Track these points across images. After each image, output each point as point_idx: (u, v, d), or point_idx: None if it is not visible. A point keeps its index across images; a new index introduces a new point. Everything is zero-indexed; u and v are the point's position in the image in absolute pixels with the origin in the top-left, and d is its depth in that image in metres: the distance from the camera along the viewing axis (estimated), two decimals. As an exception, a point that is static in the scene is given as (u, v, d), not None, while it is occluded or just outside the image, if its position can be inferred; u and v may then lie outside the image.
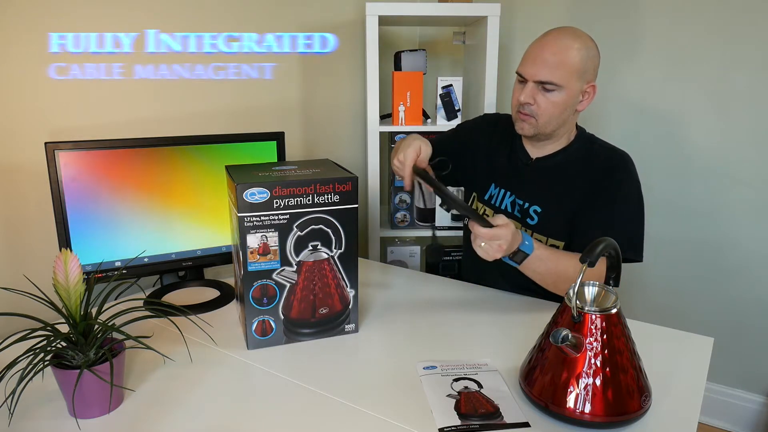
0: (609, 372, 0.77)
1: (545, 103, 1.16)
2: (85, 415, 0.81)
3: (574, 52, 1.13)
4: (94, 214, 1.12)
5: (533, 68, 1.15)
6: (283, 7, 1.70)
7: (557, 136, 1.23)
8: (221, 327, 1.10)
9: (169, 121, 1.43)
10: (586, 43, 1.16)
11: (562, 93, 1.15)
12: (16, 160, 1.15)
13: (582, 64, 1.14)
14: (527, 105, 1.18)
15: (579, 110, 1.21)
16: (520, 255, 1.08)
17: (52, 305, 0.82)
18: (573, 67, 1.13)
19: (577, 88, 1.16)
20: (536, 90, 1.16)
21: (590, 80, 1.18)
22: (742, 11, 1.66)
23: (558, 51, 1.13)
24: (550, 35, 1.17)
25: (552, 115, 1.17)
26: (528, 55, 1.18)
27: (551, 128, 1.20)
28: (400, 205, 1.93)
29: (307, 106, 1.85)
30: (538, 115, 1.18)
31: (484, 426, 0.80)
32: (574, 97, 1.17)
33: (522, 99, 1.17)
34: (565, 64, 1.13)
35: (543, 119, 1.18)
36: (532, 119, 1.19)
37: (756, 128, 1.71)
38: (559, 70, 1.13)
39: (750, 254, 1.78)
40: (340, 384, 0.91)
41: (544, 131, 1.20)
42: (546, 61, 1.14)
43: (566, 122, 1.21)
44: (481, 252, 1.02)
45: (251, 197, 0.94)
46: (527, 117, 1.19)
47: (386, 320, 1.14)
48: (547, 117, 1.17)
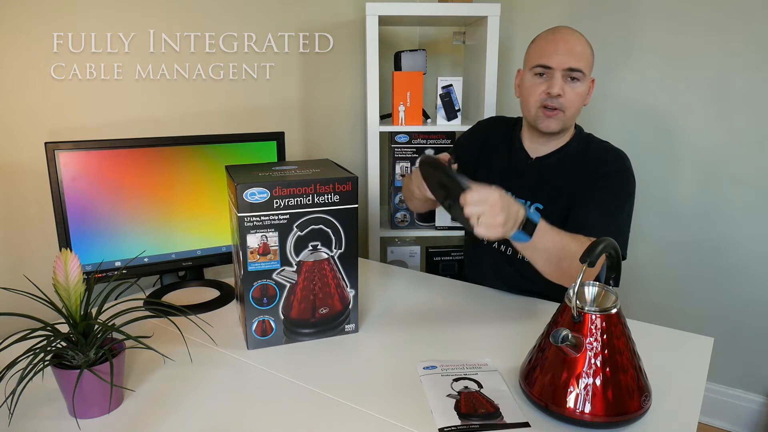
0: (609, 372, 0.77)
1: (572, 93, 1.17)
2: (85, 415, 0.81)
3: (585, 45, 1.18)
4: (94, 213, 1.12)
5: (561, 57, 1.15)
6: (283, 7, 1.70)
7: (567, 131, 1.24)
8: (221, 327, 1.10)
9: (169, 121, 1.43)
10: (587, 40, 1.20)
11: (584, 83, 1.17)
12: (16, 160, 1.15)
13: (591, 57, 1.19)
14: (557, 98, 1.16)
15: (584, 104, 1.23)
16: (530, 225, 0.99)
17: (52, 305, 0.82)
18: (588, 59, 1.18)
19: (589, 81, 1.20)
20: (563, 81, 1.16)
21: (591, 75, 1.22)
22: (741, 11, 1.66)
23: (574, 42, 1.16)
24: (559, 30, 1.19)
25: (577, 107, 1.19)
26: (546, 48, 1.17)
27: (571, 122, 1.21)
28: (400, 205, 1.93)
29: (307, 106, 1.85)
30: (566, 108, 1.17)
31: (484, 426, 0.80)
32: (587, 89, 1.20)
33: (556, 90, 1.15)
34: (585, 54, 1.16)
35: (570, 111, 1.18)
36: (560, 113, 1.18)
37: (755, 128, 1.71)
38: (583, 59, 1.16)
39: (750, 254, 1.78)
40: (340, 384, 0.91)
41: (568, 125, 1.21)
42: (572, 49, 1.15)
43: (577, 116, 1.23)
44: (482, 229, 0.93)
45: (251, 197, 0.94)
46: (555, 112, 1.18)
47: (386, 320, 1.14)
48: (574, 109, 1.18)
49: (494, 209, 0.92)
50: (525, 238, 1.00)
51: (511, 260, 1.30)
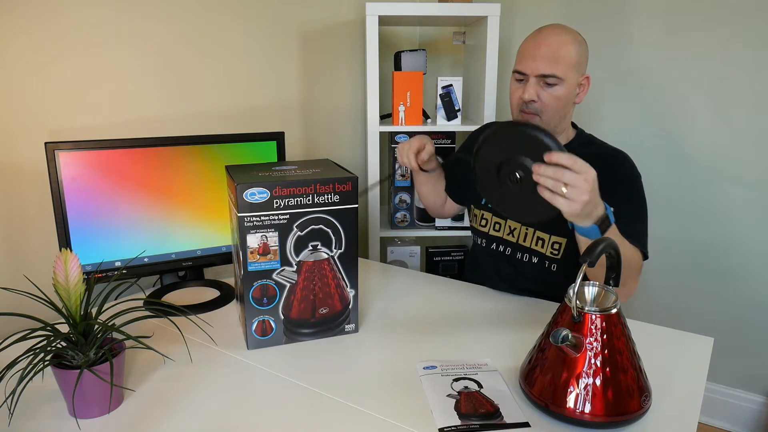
0: (609, 372, 0.77)
1: (548, 98, 1.17)
2: (85, 415, 0.81)
3: (569, 45, 1.16)
4: (94, 214, 1.12)
5: (534, 63, 1.16)
6: (283, 6, 1.70)
7: (557, 132, 1.24)
8: (221, 327, 1.10)
9: (169, 121, 1.43)
10: (576, 36, 1.18)
11: (563, 86, 1.16)
12: (16, 160, 1.15)
13: (577, 56, 1.17)
14: (531, 103, 1.17)
15: (577, 102, 1.22)
16: (607, 223, 0.95)
17: (52, 305, 0.82)
18: (570, 60, 1.15)
19: (575, 81, 1.18)
20: (538, 86, 1.17)
21: (584, 72, 1.20)
22: (740, 10, 1.66)
23: (555, 45, 1.15)
24: (543, 31, 1.18)
25: (556, 109, 1.18)
26: (525, 52, 1.19)
27: (554, 124, 1.21)
28: (400, 205, 1.93)
29: (307, 106, 1.85)
30: (542, 112, 1.18)
31: (484, 426, 0.80)
32: (572, 90, 1.18)
33: (526, 96, 1.17)
34: (563, 57, 1.15)
35: (547, 115, 1.18)
36: (536, 117, 1.19)
37: (755, 127, 1.71)
38: (559, 63, 1.14)
39: (750, 254, 1.78)
40: (340, 384, 0.91)
41: (548, 128, 1.21)
42: (546, 55, 1.15)
43: (566, 116, 1.22)
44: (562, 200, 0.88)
45: (251, 197, 0.94)
46: (532, 116, 1.19)
47: (386, 320, 1.14)
48: (552, 112, 1.18)
49: (587, 185, 0.88)
50: (596, 234, 0.96)
51: (511, 260, 1.30)
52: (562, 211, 0.91)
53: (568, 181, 0.88)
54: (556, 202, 0.90)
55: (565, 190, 0.88)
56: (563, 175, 0.88)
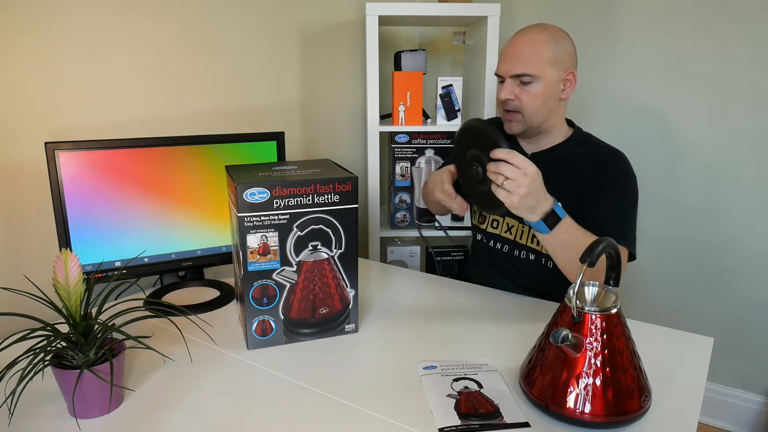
0: (609, 372, 0.77)
1: (526, 96, 1.19)
2: (85, 415, 0.81)
3: (543, 43, 1.17)
4: (94, 214, 1.12)
5: (507, 64, 1.20)
6: (284, 6, 1.70)
7: (548, 128, 1.25)
8: (221, 327, 1.10)
9: (169, 121, 1.43)
10: (555, 33, 1.19)
11: (539, 84, 1.18)
12: (16, 160, 1.15)
13: (553, 53, 1.18)
14: (509, 101, 1.21)
15: (563, 98, 1.23)
16: (553, 218, 1.00)
17: (52, 305, 0.82)
18: (545, 57, 1.17)
19: (555, 77, 1.19)
20: (515, 86, 1.20)
21: (568, 68, 1.20)
22: (740, 10, 1.66)
23: (527, 44, 1.18)
24: (519, 33, 1.22)
25: (535, 106, 1.20)
26: (501, 55, 1.23)
27: (538, 120, 1.22)
28: (400, 205, 1.93)
29: (307, 106, 1.85)
30: (522, 110, 1.21)
31: (484, 426, 0.80)
32: (553, 86, 1.19)
33: (502, 96, 1.21)
34: (536, 55, 1.17)
35: (528, 113, 1.21)
36: (518, 115, 1.21)
37: (755, 127, 1.71)
38: (531, 61, 1.17)
39: (750, 254, 1.78)
40: (340, 384, 0.91)
41: (532, 125, 1.23)
42: (518, 55, 1.18)
43: (552, 112, 1.23)
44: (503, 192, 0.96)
45: (251, 197, 0.94)
46: (513, 114, 1.22)
47: (386, 320, 1.14)
48: (531, 109, 1.20)
49: (524, 179, 0.95)
50: (545, 229, 1.01)
51: (509, 257, 1.31)
52: (504, 203, 0.98)
53: (508, 175, 0.95)
54: (498, 194, 0.97)
55: (505, 181, 0.95)
56: (505, 169, 0.95)
